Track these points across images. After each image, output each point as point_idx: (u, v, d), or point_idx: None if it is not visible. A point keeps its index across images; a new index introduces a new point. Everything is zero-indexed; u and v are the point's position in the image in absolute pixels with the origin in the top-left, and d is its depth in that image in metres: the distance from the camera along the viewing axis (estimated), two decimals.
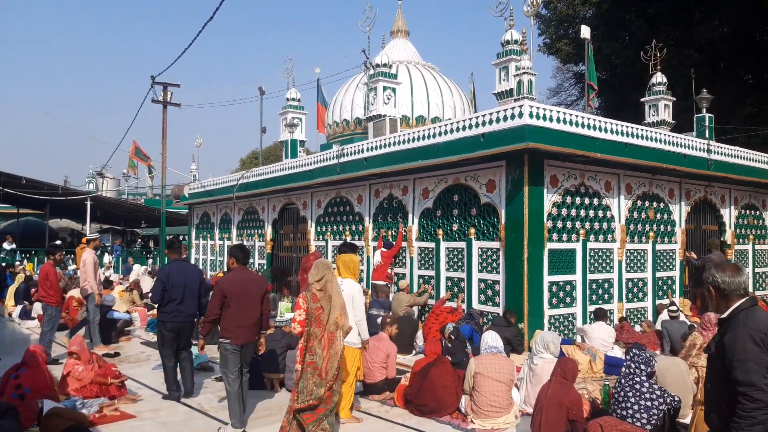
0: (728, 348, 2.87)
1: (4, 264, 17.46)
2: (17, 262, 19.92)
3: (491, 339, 6.09)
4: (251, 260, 16.39)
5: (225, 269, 17.19)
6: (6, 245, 22.44)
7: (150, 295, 7.26)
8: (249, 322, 5.61)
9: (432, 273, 10.35)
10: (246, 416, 5.70)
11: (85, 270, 9.33)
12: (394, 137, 10.65)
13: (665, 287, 11.10)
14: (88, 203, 24.08)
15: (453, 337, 7.65)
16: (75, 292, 12.71)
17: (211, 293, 5.99)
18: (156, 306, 6.80)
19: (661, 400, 5.05)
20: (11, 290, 13.70)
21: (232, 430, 5.41)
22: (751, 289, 12.76)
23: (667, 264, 11.17)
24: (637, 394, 5.14)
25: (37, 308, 11.26)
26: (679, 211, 11.45)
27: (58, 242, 12.50)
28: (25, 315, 12.24)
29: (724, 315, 3.04)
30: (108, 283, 14.21)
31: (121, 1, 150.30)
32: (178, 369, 6.67)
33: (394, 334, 7.30)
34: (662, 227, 11.10)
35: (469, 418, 5.72)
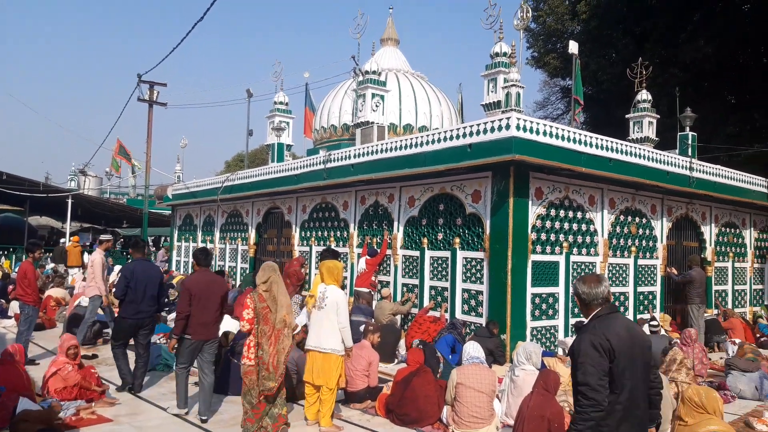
0: (575, 351, 3.15)
1: None
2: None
3: (473, 349, 6.06)
4: (234, 264, 16.28)
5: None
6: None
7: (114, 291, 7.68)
8: (209, 319, 6.03)
9: (416, 282, 10.35)
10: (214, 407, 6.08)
11: (93, 270, 9.29)
12: (382, 144, 10.66)
13: (646, 302, 11.21)
14: (69, 201, 23.72)
15: (421, 348, 7.60)
16: (53, 292, 12.52)
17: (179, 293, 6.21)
18: (119, 301, 7.09)
19: None
20: None
21: (176, 410, 6.14)
22: (729, 305, 12.97)
23: (649, 279, 11.28)
24: None
25: (14, 307, 11.06)
26: (661, 227, 11.59)
27: (37, 240, 12.29)
28: (2, 313, 12.01)
29: (586, 322, 3.32)
30: None
31: None
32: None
33: (376, 343, 7.28)
34: (644, 242, 11.22)
35: (451, 429, 5.71)
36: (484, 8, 12.51)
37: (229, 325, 8.99)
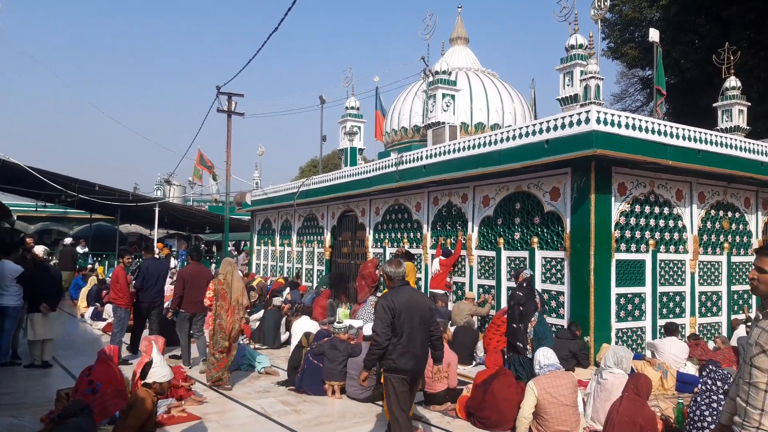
0: (375, 309, 4.67)
1: (78, 267, 18.26)
2: (89, 265, 20.82)
3: (544, 357, 5.64)
4: (310, 266, 16.61)
5: (285, 275, 17.48)
6: (79, 249, 23.49)
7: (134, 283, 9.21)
8: (198, 299, 8.16)
9: (492, 282, 10.16)
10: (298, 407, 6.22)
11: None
12: (454, 144, 10.55)
13: (741, 302, 10.52)
14: (156, 209, 24.94)
15: (525, 284, 7.21)
16: None
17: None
18: (137, 290, 9.10)
19: None
20: (83, 292, 14.28)
21: (185, 367, 8.00)
22: None
23: (744, 277, 10.57)
24: (714, 413, 4.87)
25: (108, 310, 11.71)
26: (756, 222, 10.85)
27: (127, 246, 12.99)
28: (97, 316, 12.72)
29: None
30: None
31: (187, 14, 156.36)
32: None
33: (449, 337, 7.20)
34: (738, 238, 10.54)
35: None
36: (557, 0, 12.17)
37: (307, 325, 9.17)
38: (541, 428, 5.42)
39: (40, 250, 9.59)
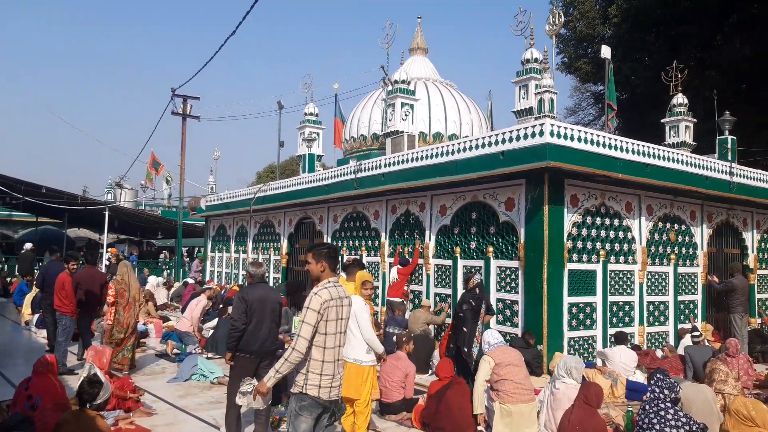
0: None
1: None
2: (35, 271, 20.03)
3: (492, 337, 6.11)
4: (267, 274, 16.40)
5: (240, 282, 17.20)
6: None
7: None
8: (93, 300, 9.11)
9: (449, 291, 10.24)
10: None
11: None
12: (412, 153, 10.62)
13: (687, 311, 10.89)
14: (106, 213, 24.20)
15: (478, 289, 7.42)
16: None
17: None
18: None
19: (687, 428, 4.91)
20: (28, 298, 13.72)
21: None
22: None
23: (689, 287, 10.97)
24: (662, 420, 5.00)
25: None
26: (701, 234, 11.27)
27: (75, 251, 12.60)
28: (42, 324, 12.25)
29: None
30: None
31: (142, 14, 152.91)
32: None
33: (411, 350, 7.21)
34: (684, 250, 10.92)
35: (496, 404, 5.66)
36: (514, 15, 12.43)
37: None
38: (503, 393, 5.60)
39: None
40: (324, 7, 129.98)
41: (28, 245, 21.28)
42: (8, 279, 20.05)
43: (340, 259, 5.69)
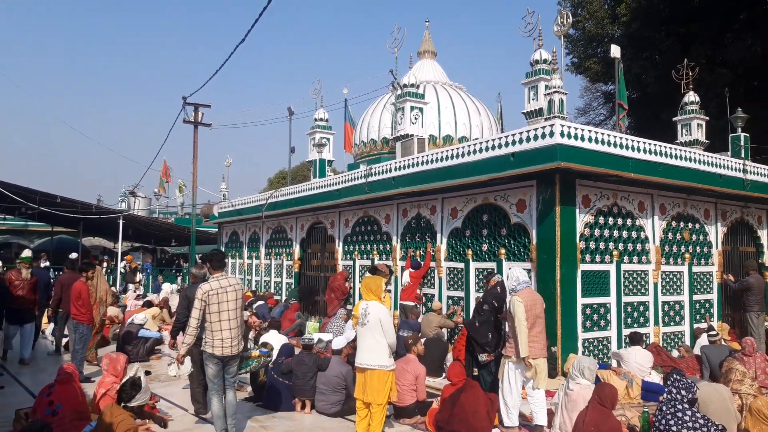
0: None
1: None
2: (51, 279, 20.20)
3: (522, 274, 6.33)
4: (279, 279, 16.46)
5: (253, 288, 17.28)
6: (41, 263, 22.79)
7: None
8: (68, 300, 9.31)
9: (461, 294, 10.23)
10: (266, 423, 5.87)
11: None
12: (422, 156, 10.62)
13: (702, 311, 10.80)
14: (121, 222, 24.41)
15: (500, 288, 7.30)
16: (110, 310, 12.84)
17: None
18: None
19: (705, 430, 4.86)
20: None
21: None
22: None
23: (704, 287, 10.87)
24: (680, 422, 4.96)
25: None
26: (716, 233, 11.17)
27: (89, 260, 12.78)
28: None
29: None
30: (149, 303, 14.40)
31: (154, 23, 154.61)
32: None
33: (421, 351, 7.20)
34: (698, 249, 10.83)
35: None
36: (522, 16, 12.42)
37: (271, 338, 9.06)
38: (531, 345, 5.98)
39: None
40: (332, 14, 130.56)
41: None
42: None
43: (225, 261, 6.35)
